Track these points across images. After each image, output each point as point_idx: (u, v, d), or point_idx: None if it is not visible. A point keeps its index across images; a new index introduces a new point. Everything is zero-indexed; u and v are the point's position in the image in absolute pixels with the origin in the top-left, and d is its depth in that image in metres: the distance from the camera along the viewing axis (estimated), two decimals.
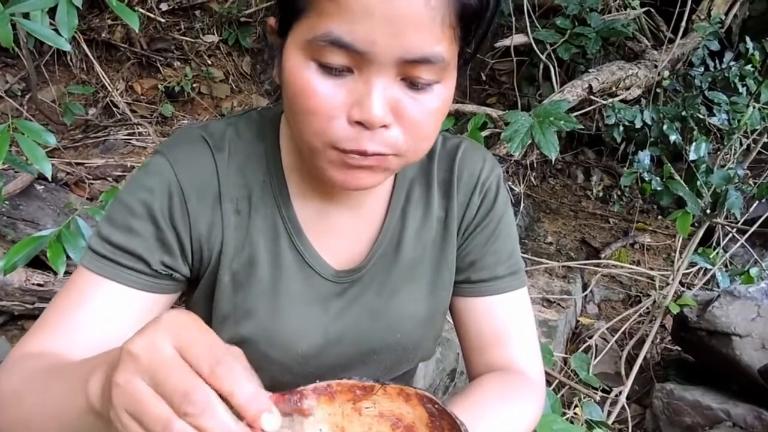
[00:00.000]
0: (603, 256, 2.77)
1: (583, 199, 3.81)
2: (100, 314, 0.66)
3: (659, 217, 3.61)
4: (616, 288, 2.60)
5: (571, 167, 4.12)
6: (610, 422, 1.58)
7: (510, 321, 0.80)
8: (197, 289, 0.74)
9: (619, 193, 3.76)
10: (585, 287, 2.42)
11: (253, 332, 0.72)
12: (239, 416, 0.42)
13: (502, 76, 3.97)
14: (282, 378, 0.72)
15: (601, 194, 3.86)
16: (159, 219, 0.67)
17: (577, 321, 2.29)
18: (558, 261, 2.49)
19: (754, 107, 1.91)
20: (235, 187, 0.71)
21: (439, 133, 0.80)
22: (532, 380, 0.78)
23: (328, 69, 0.56)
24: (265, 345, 0.72)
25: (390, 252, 0.76)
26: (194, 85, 3.33)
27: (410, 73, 0.57)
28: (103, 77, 3.15)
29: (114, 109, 3.11)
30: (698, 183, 2.06)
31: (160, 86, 3.28)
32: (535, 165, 2.63)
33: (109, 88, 3.15)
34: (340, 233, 0.75)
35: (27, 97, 2.76)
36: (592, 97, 2.11)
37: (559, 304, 2.11)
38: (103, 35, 3.25)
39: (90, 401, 0.47)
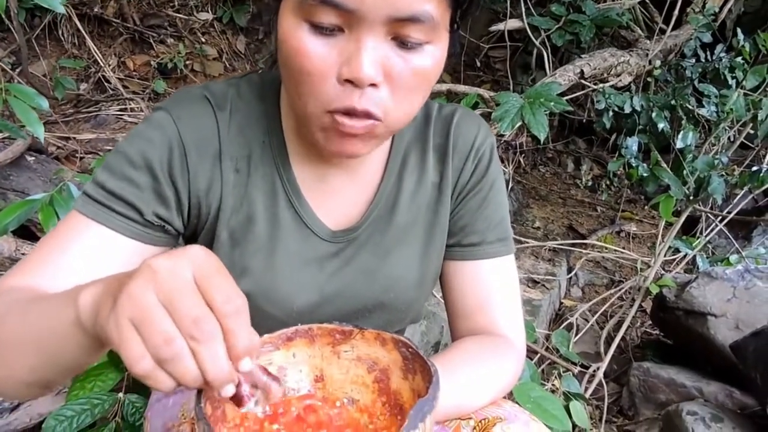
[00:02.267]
0: (589, 241, 2.82)
1: (572, 188, 3.85)
2: (87, 256, 0.66)
3: (646, 207, 3.66)
4: (601, 273, 2.64)
5: (562, 156, 4.16)
6: (587, 397, 1.63)
7: (495, 286, 0.82)
8: (197, 242, 0.75)
9: (607, 182, 3.80)
10: (570, 270, 2.46)
11: (250, 288, 0.73)
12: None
13: (497, 63, 3.99)
14: None
15: (590, 183, 3.90)
16: (157, 171, 0.68)
17: (561, 303, 2.34)
18: (545, 245, 2.53)
19: (739, 93, 1.94)
20: (235, 146, 0.73)
21: (435, 100, 0.83)
22: (512, 343, 0.81)
23: (319, 29, 0.58)
24: (261, 301, 0.74)
25: (385, 214, 0.79)
26: (187, 62, 3.31)
27: (400, 32, 0.58)
28: (95, 52, 3.12)
29: (106, 84, 3.10)
30: (684, 172, 2.09)
31: (152, 62, 3.26)
32: (524, 147, 2.65)
33: (101, 64, 3.13)
34: (337, 195, 0.77)
35: (18, 70, 2.74)
36: (583, 81, 2.13)
37: (544, 285, 2.15)
38: (96, 10, 3.22)
39: (78, 312, 0.48)
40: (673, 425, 1.38)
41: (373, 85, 0.59)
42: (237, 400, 0.47)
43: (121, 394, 1.27)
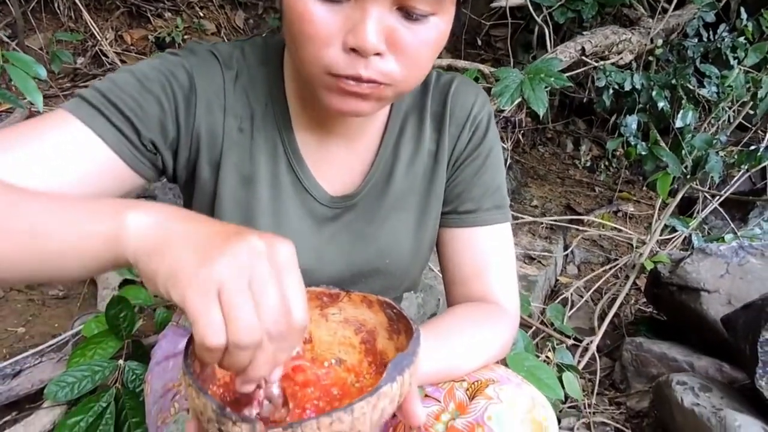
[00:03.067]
0: (586, 220, 2.83)
1: (571, 168, 3.85)
2: (63, 151, 0.61)
3: (643, 188, 3.67)
4: (597, 251, 2.66)
5: (562, 136, 4.15)
6: (580, 369, 1.66)
7: (491, 253, 0.83)
8: (197, 202, 0.76)
9: (606, 163, 3.81)
10: (566, 248, 2.48)
11: None
12: None
13: (498, 42, 3.95)
14: None
15: (588, 164, 3.90)
16: (165, 104, 0.68)
17: (557, 279, 2.36)
18: (542, 222, 2.54)
19: (740, 70, 1.94)
20: (239, 106, 0.73)
21: (433, 70, 0.83)
22: (506, 309, 0.82)
23: None
24: None
25: (382, 182, 0.80)
26: (185, 36, 3.28)
27: (406, 3, 0.59)
28: (92, 26, 3.09)
29: (103, 58, 3.07)
30: (683, 152, 2.10)
31: (150, 37, 3.23)
32: (524, 125, 2.64)
33: (98, 37, 3.10)
34: (336, 162, 0.78)
35: (14, 43, 2.71)
36: (584, 58, 2.12)
37: (540, 262, 2.17)
38: None
39: (121, 233, 0.46)
40: (663, 395, 1.41)
41: (377, 54, 0.60)
42: (248, 399, 0.49)
43: (121, 361, 1.29)
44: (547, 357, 1.44)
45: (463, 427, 0.71)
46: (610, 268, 2.11)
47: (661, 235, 2.20)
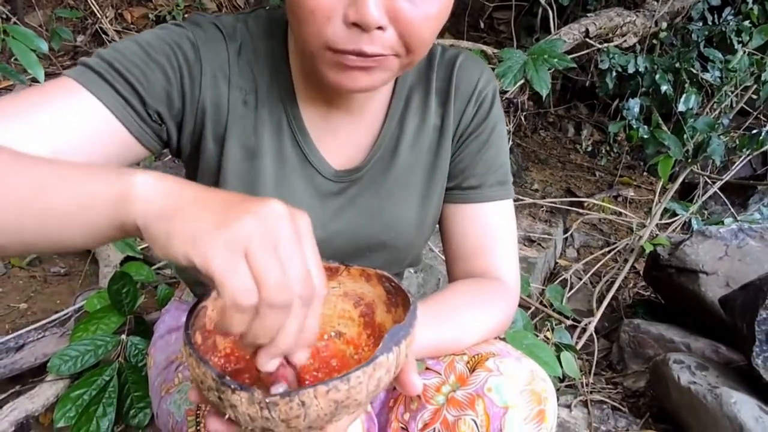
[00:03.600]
0: (586, 205, 2.83)
1: (572, 152, 3.85)
2: (67, 119, 0.60)
3: (644, 173, 3.67)
4: (596, 235, 2.67)
5: (563, 121, 4.14)
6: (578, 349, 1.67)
7: (494, 229, 0.83)
8: (201, 176, 0.75)
9: (607, 147, 3.80)
10: (566, 232, 2.49)
11: None
12: None
13: (501, 25, 3.92)
14: None
15: (589, 149, 3.89)
16: (170, 74, 0.67)
17: (556, 263, 2.37)
18: (543, 206, 2.55)
19: (744, 52, 1.93)
20: (243, 78, 0.72)
21: (438, 45, 0.82)
22: (507, 285, 0.82)
23: None
24: None
25: (387, 156, 0.79)
26: (186, 15, 3.25)
27: None
28: (92, 4, 3.06)
29: (103, 36, 3.05)
30: (684, 136, 2.09)
31: (150, 15, 3.20)
32: (526, 107, 2.63)
33: (98, 15, 3.07)
34: (341, 136, 0.78)
35: (12, 20, 2.68)
36: (588, 40, 2.11)
37: (539, 244, 2.17)
38: None
39: (129, 195, 0.45)
40: (660, 374, 1.43)
41: (379, 28, 0.59)
42: (267, 378, 0.48)
43: (123, 336, 1.30)
44: (545, 336, 1.45)
45: (463, 398, 0.72)
46: (609, 251, 2.12)
47: (660, 220, 2.21)
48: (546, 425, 0.71)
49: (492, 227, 0.84)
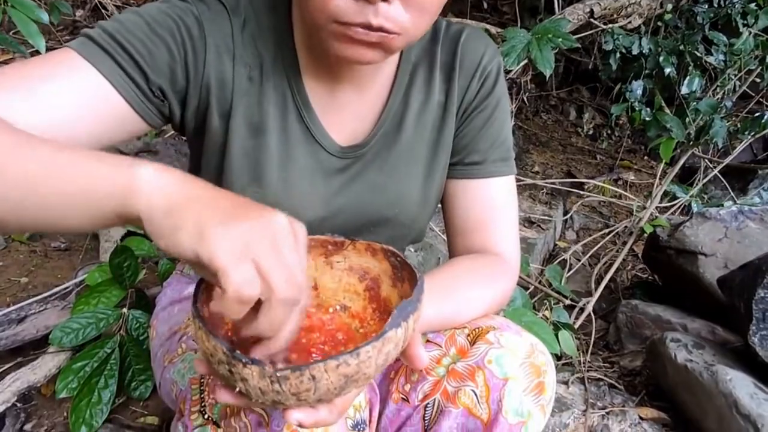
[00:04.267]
0: (587, 187, 2.84)
1: (573, 135, 3.84)
2: (70, 95, 0.60)
3: (645, 157, 3.66)
4: (596, 217, 2.67)
5: (565, 104, 4.12)
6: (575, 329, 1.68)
7: (495, 205, 0.84)
8: (206, 153, 0.75)
9: (608, 131, 3.79)
10: (566, 214, 2.49)
11: (262, 199, 0.74)
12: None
13: (504, 6, 3.88)
14: None
15: (591, 132, 3.88)
16: (174, 49, 0.67)
17: (555, 244, 2.38)
18: (543, 188, 2.55)
19: (749, 32, 1.91)
20: (248, 54, 0.72)
21: (443, 19, 0.82)
22: (506, 261, 0.83)
23: None
24: None
25: (391, 132, 0.79)
26: None
27: None
28: None
29: (103, 11, 3.01)
30: (687, 119, 2.09)
31: None
32: (528, 87, 2.62)
33: None
34: (346, 111, 0.77)
35: None
36: (592, 21, 2.09)
37: (539, 226, 2.18)
38: None
39: (133, 186, 0.46)
40: (657, 352, 1.44)
41: (385, 0, 0.59)
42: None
43: (124, 310, 1.31)
44: (544, 315, 1.46)
45: (463, 370, 0.73)
46: (609, 233, 2.12)
47: (660, 203, 2.21)
48: (545, 397, 0.72)
49: (494, 203, 0.84)
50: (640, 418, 1.37)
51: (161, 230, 0.45)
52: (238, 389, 0.47)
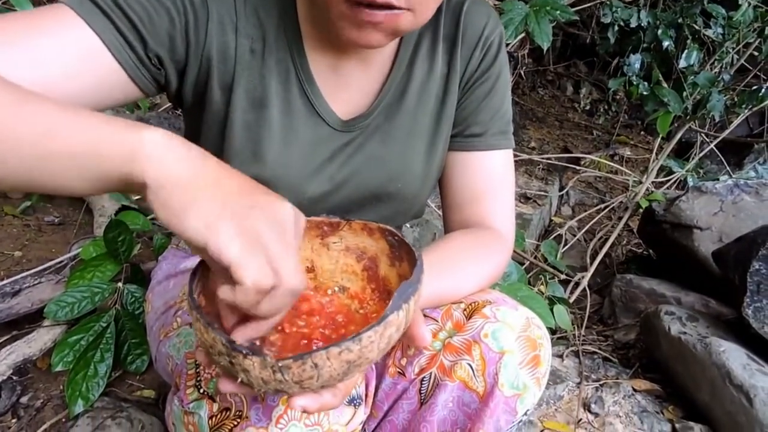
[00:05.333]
0: (583, 162, 2.83)
1: (570, 111, 3.82)
2: (62, 53, 0.58)
3: (641, 132, 3.65)
4: (592, 193, 2.67)
5: (562, 79, 4.09)
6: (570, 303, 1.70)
7: (493, 178, 0.83)
8: (206, 126, 0.74)
9: (605, 106, 3.77)
10: (562, 189, 2.49)
11: (264, 174, 0.73)
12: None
13: None
14: None
15: (588, 107, 3.86)
16: (175, 18, 0.65)
17: (551, 220, 2.38)
18: (539, 164, 2.54)
19: (749, 4, 1.89)
20: (250, 26, 0.70)
21: None
22: (501, 235, 0.83)
23: None
24: (274, 188, 0.74)
25: (394, 103, 0.78)
26: None
27: None
28: None
29: None
30: (684, 94, 2.07)
31: None
32: (526, 60, 2.59)
33: None
34: (349, 84, 0.76)
35: None
36: None
37: (535, 201, 2.18)
38: None
39: (137, 155, 0.45)
40: (651, 325, 1.45)
41: None
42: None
43: (120, 284, 1.30)
44: (539, 290, 1.47)
45: (460, 344, 0.73)
46: (605, 208, 2.13)
47: (656, 178, 2.21)
48: (540, 370, 0.72)
49: (492, 176, 0.84)
50: (634, 390, 1.39)
51: (167, 205, 0.45)
52: (240, 380, 0.47)
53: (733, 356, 1.19)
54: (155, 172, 0.45)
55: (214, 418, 0.63)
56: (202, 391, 0.66)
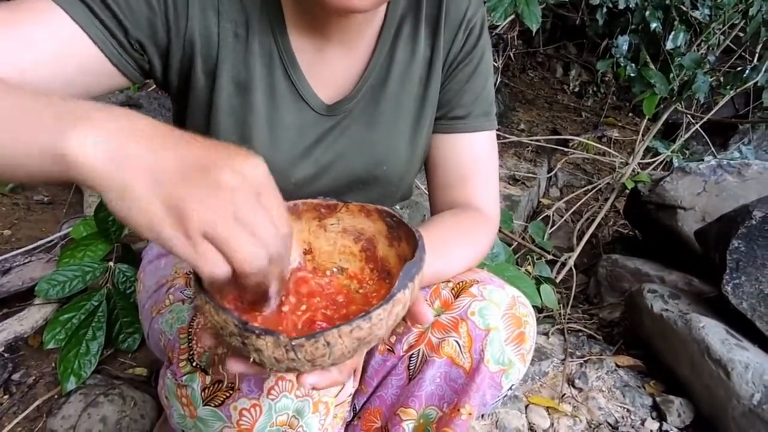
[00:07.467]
0: (571, 144, 2.85)
1: (559, 93, 3.82)
2: (41, 42, 0.58)
3: (629, 114, 3.67)
4: (580, 175, 2.70)
5: (552, 61, 4.08)
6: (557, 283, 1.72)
7: (477, 159, 0.84)
8: (191, 111, 0.74)
9: (594, 88, 3.78)
10: (550, 171, 2.51)
11: None
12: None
13: None
14: None
15: (577, 89, 3.87)
16: (154, 3, 0.65)
17: (539, 201, 2.40)
18: (528, 146, 2.55)
19: None
20: (234, 10, 0.70)
21: None
22: (487, 215, 0.84)
23: None
24: None
25: (377, 86, 0.78)
26: None
27: None
28: None
29: None
30: (671, 75, 2.08)
31: None
32: (515, 42, 2.59)
33: None
34: (332, 68, 0.76)
35: None
36: None
37: (524, 183, 2.19)
38: None
39: (66, 146, 0.42)
40: (634, 303, 1.49)
41: None
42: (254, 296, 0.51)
43: (111, 263, 1.31)
44: (527, 270, 1.49)
45: (447, 322, 0.75)
46: (592, 189, 2.15)
47: (643, 159, 2.24)
48: (525, 346, 0.74)
49: (476, 157, 0.85)
50: (617, 365, 1.43)
51: (113, 212, 0.42)
52: (252, 360, 0.48)
53: (713, 332, 1.22)
54: (91, 182, 0.42)
55: (206, 390, 0.65)
56: (195, 364, 0.68)
